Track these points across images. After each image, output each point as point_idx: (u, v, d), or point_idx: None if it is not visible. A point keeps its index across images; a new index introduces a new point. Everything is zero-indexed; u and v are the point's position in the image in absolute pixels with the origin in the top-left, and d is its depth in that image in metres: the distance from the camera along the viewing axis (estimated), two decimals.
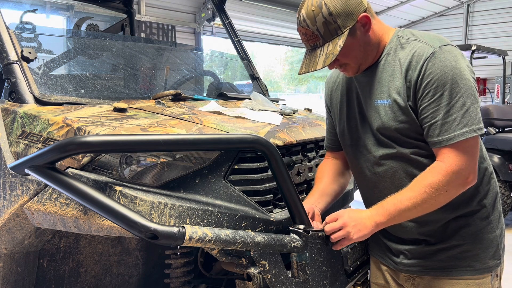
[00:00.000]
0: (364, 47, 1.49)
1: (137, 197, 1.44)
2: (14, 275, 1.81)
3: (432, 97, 1.40)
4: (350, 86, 1.67)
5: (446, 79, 1.38)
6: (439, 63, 1.40)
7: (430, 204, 1.43)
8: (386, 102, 1.50)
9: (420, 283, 1.61)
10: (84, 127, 1.55)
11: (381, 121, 1.51)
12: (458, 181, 1.41)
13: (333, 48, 1.43)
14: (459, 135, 1.38)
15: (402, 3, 10.49)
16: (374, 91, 1.54)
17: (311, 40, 1.48)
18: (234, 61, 3.78)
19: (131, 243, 2.10)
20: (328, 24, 1.42)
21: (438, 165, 1.42)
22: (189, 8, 8.08)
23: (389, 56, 1.52)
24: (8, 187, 1.64)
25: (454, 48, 1.45)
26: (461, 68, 1.40)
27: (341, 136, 1.72)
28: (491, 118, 5.94)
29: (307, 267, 1.54)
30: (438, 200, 1.43)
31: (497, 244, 1.56)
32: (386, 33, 1.54)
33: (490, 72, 10.28)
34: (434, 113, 1.40)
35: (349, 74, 1.59)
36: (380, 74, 1.53)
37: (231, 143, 1.51)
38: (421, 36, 1.49)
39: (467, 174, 1.41)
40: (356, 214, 1.50)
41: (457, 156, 1.39)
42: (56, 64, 2.67)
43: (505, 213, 5.56)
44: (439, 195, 1.41)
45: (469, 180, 1.43)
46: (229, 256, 1.54)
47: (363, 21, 1.45)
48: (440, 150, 1.42)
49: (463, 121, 1.38)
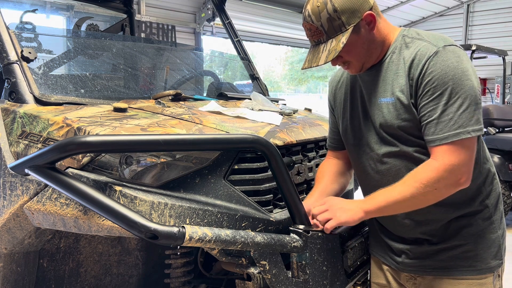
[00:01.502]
0: (368, 45, 1.49)
1: (137, 197, 1.44)
2: (14, 275, 1.81)
3: (432, 96, 1.40)
4: (354, 85, 1.67)
5: (447, 78, 1.38)
6: (441, 62, 1.40)
7: (419, 200, 1.42)
8: (390, 100, 1.50)
9: (422, 283, 1.61)
10: (84, 127, 1.55)
11: (384, 119, 1.51)
12: (450, 180, 1.39)
13: (336, 45, 1.44)
14: (453, 135, 1.37)
15: (402, 3, 10.48)
16: (378, 89, 1.54)
17: (315, 36, 1.48)
18: (234, 61, 3.78)
19: (131, 243, 2.10)
20: (332, 21, 1.43)
21: (430, 162, 1.41)
22: (189, 8, 8.08)
23: (394, 55, 1.52)
24: (8, 187, 1.64)
25: (458, 49, 1.44)
26: (463, 68, 1.39)
27: (344, 134, 1.72)
28: (491, 118, 5.94)
29: (307, 267, 1.54)
30: (427, 197, 1.42)
31: (499, 244, 1.56)
32: (392, 32, 1.54)
33: (490, 72, 10.28)
34: (432, 111, 1.40)
35: (352, 72, 1.59)
36: (385, 73, 1.53)
37: (231, 143, 1.52)
38: (426, 36, 1.49)
39: (459, 174, 1.39)
40: (344, 200, 1.55)
41: (450, 156, 1.38)
42: (56, 64, 2.66)
43: (505, 213, 5.57)
44: (428, 192, 1.40)
45: (461, 181, 1.40)
46: (229, 256, 1.54)
47: (368, 19, 1.46)
48: (434, 149, 1.41)
49: (458, 122, 1.37)
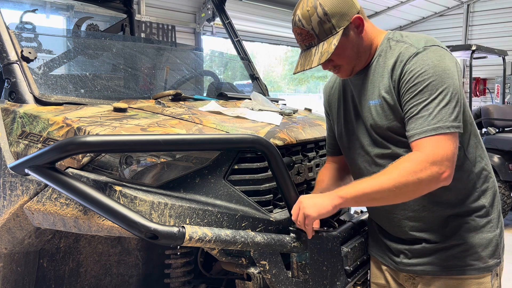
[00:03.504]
0: (358, 48, 1.52)
1: (137, 197, 1.44)
2: (14, 275, 1.81)
3: (412, 93, 1.42)
4: (346, 89, 1.70)
5: (427, 76, 1.40)
6: (421, 62, 1.42)
7: (400, 190, 1.39)
8: (377, 102, 1.53)
9: (420, 282, 1.61)
10: (84, 127, 1.55)
11: (374, 121, 1.54)
12: (432, 171, 1.36)
13: (328, 47, 1.46)
14: (431, 129, 1.37)
15: (402, 3, 10.48)
16: (367, 92, 1.57)
17: (306, 40, 1.50)
18: (234, 61, 3.78)
19: (131, 243, 2.10)
20: (323, 24, 1.45)
21: (414, 153, 1.40)
22: (189, 8, 8.08)
23: (380, 58, 1.55)
24: (8, 187, 1.64)
25: (440, 49, 1.46)
26: (444, 66, 1.41)
27: (339, 139, 1.75)
28: (491, 118, 5.94)
29: (307, 267, 1.54)
30: (408, 188, 1.38)
31: (497, 243, 1.57)
32: (378, 36, 1.58)
33: (490, 72, 10.29)
34: (413, 108, 1.42)
35: (342, 76, 1.62)
36: (372, 76, 1.56)
37: (231, 143, 1.52)
38: (408, 38, 1.52)
39: (442, 168, 1.37)
40: (315, 195, 1.53)
41: (432, 148, 1.37)
42: (56, 64, 2.67)
43: (505, 213, 5.55)
44: (410, 182, 1.37)
45: (443, 176, 1.38)
46: (229, 256, 1.54)
47: (357, 23, 1.49)
48: (414, 143, 1.41)
49: (438, 116, 1.37)
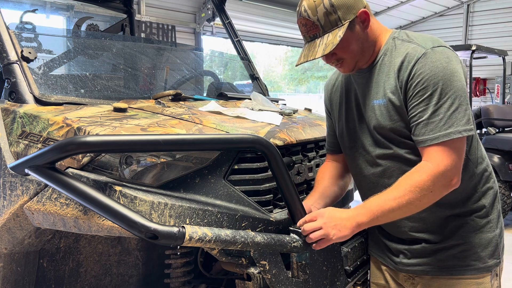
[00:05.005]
0: (362, 43, 1.51)
1: (137, 197, 1.44)
2: (14, 275, 1.81)
3: (421, 97, 1.41)
4: (349, 88, 1.68)
5: (436, 79, 1.39)
6: (430, 64, 1.41)
7: (415, 205, 1.40)
8: (382, 102, 1.51)
9: (420, 282, 1.61)
10: (84, 127, 1.55)
11: (377, 120, 1.53)
12: (443, 182, 1.39)
13: (333, 38, 1.44)
14: (444, 135, 1.37)
15: (402, 3, 10.48)
16: (371, 91, 1.56)
17: (311, 31, 1.48)
18: (234, 61, 3.78)
19: (131, 243, 2.10)
20: (329, 15, 1.44)
21: (425, 164, 1.40)
22: (189, 8, 8.08)
23: (385, 57, 1.53)
24: (8, 187, 1.64)
25: (447, 50, 1.45)
26: (452, 69, 1.40)
27: (340, 137, 1.73)
28: (491, 118, 5.94)
29: (307, 267, 1.54)
30: (422, 201, 1.40)
31: (497, 243, 1.57)
32: (383, 34, 1.56)
33: (490, 72, 10.28)
34: (422, 112, 1.41)
35: (345, 71, 1.59)
36: (377, 75, 1.54)
37: (231, 143, 1.52)
38: (415, 38, 1.51)
39: (451, 175, 1.39)
40: (337, 213, 1.43)
41: (443, 157, 1.37)
42: (56, 64, 2.67)
43: (505, 213, 5.55)
44: (424, 195, 1.38)
45: (453, 182, 1.40)
46: (229, 256, 1.54)
47: (363, 17, 1.47)
48: (425, 150, 1.41)
49: (449, 122, 1.37)
